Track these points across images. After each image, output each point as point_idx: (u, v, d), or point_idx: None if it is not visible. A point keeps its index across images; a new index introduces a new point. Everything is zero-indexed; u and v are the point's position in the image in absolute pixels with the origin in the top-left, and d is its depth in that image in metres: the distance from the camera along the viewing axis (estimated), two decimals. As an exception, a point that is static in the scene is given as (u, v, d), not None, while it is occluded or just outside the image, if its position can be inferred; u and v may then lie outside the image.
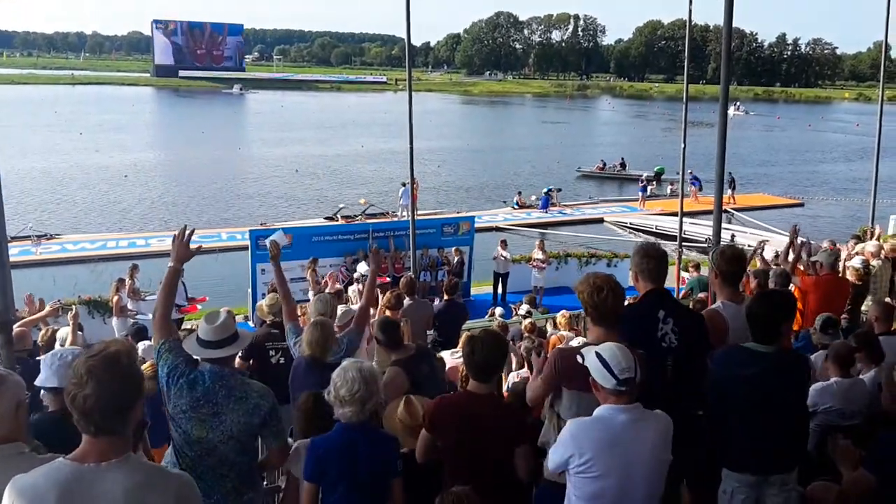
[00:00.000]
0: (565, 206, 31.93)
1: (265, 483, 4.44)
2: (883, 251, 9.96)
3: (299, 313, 6.03)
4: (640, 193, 32.66)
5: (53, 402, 3.68)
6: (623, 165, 41.44)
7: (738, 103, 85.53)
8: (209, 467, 3.60)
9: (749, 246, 22.58)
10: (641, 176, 34.38)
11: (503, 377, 6.84)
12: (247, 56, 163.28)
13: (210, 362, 3.69)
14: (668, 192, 33.45)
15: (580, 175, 41.57)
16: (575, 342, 5.70)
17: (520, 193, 32.03)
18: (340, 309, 6.74)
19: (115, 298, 13.67)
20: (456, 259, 17.70)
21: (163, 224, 27.84)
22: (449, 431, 3.71)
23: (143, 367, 6.11)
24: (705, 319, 4.30)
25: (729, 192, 31.12)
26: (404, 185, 23.91)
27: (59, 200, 31.94)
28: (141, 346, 7.30)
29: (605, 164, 41.78)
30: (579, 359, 3.36)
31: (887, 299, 8.00)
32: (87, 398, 2.25)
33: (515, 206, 31.28)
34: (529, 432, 3.80)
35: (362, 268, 16.23)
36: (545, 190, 31.88)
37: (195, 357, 3.69)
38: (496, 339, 3.83)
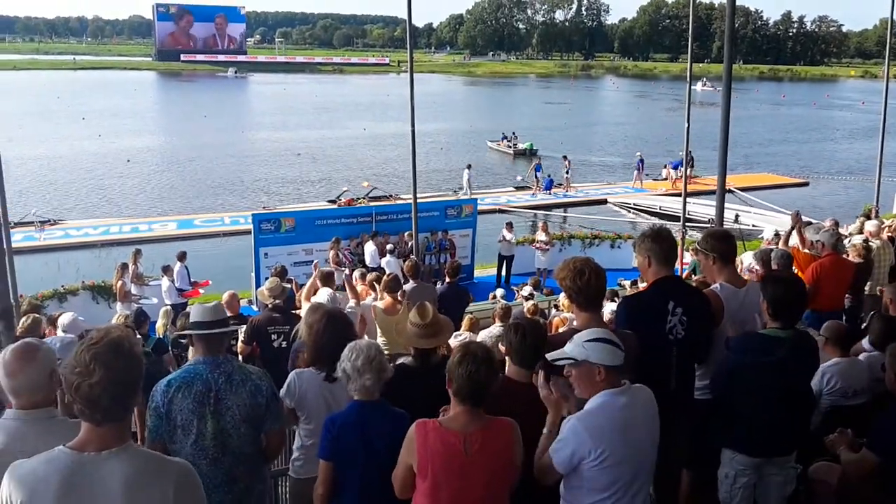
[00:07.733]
0: (573, 186, 31.72)
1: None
2: (885, 231, 9.89)
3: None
4: (636, 171, 32.36)
5: None
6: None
7: (704, 79, 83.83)
8: (223, 472, 3.60)
9: (753, 226, 22.60)
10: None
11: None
12: (249, 39, 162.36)
13: (202, 345, 3.74)
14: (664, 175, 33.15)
15: (489, 149, 43.62)
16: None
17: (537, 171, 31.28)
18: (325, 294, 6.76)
19: (119, 284, 13.65)
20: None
21: (166, 208, 27.88)
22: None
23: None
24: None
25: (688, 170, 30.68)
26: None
27: (62, 186, 31.96)
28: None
29: (506, 139, 43.10)
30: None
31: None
32: (94, 386, 2.22)
33: (516, 188, 31.30)
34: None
35: (370, 247, 16.23)
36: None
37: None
38: (541, 327, 3.84)
